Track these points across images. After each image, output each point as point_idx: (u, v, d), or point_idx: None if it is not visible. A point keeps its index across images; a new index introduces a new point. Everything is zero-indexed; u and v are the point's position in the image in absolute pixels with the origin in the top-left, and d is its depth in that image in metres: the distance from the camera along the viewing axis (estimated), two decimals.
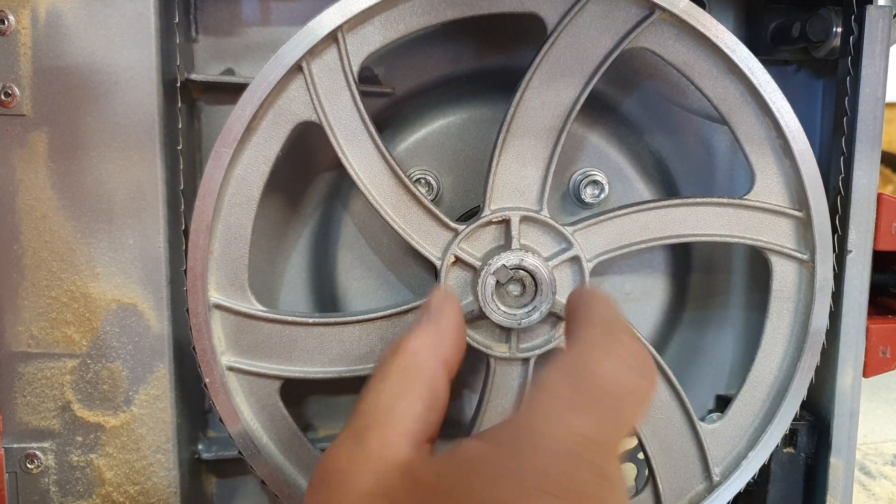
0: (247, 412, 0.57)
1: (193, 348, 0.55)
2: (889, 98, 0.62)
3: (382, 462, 0.38)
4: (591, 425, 0.36)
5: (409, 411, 0.40)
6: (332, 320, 0.56)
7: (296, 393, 0.66)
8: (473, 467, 0.36)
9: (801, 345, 0.60)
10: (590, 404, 0.37)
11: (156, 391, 0.57)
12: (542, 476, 0.34)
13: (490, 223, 0.56)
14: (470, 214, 0.63)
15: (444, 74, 0.64)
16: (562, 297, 0.57)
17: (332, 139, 0.54)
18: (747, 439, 0.61)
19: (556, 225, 0.56)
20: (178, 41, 0.57)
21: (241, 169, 0.54)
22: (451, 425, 0.67)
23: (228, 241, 0.55)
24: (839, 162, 0.62)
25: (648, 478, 0.61)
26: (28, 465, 0.57)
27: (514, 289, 0.56)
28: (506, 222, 0.56)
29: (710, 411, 0.71)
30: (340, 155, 0.54)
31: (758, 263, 0.68)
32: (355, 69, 0.53)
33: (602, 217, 0.57)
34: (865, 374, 0.64)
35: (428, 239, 0.56)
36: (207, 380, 0.55)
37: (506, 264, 0.55)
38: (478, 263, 0.56)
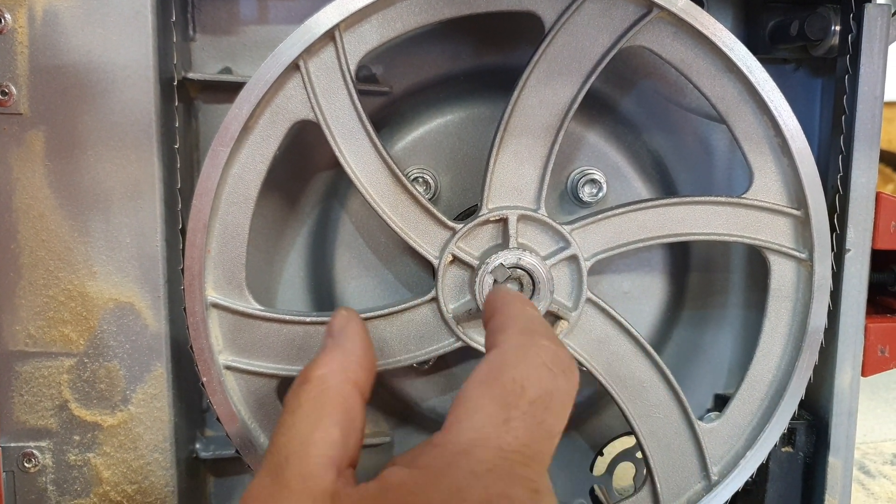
0: (244, 411, 0.57)
1: (191, 347, 0.55)
2: (888, 97, 0.62)
3: (305, 495, 0.36)
4: (517, 439, 0.36)
5: (326, 439, 0.39)
6: (329, 319, 0.56)
7: None
8: (400, 496, 0.35)
9: (799, 344, 0.60)
10: (513, 416, 0.36)
11: (153, 390, 0.57)
12: (473, 499, 0.33)
13: (488, 222, 0.56)
14: (468, 213, 0.63)
15: (442, 73, 0.64)
16: (560, 297, 0.57)
17: (329, 138, 0.54)
18: (745, 438, 0.61)
19: (554, 224, 0.56)
20: (175, 40, 0.57)
21: (239, 168, 0.54)
22: None
23: (226, 239, 0.55)
24: (838, 160, 0.62)
25: (646, 477, 0.61)
26: (25, 464, 0.57)
27: (512, 288, 0.56)
28: (503, 221, 0.56)
29: (709, 410, 0.71)
30: (338, 154, 0.54)
31: (756, 262, 0.68)
32: (353, 68, 0.53)
33: (600, 216, 0.57)
34: (864, 373, 0.64)
35: (425, 238, 0.56)
36: (205, 379, 0.55)
37: (503, 263, 0.55)
38: (475, 262, 0.56)
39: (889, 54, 0.62)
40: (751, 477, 0.61)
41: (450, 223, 0.56)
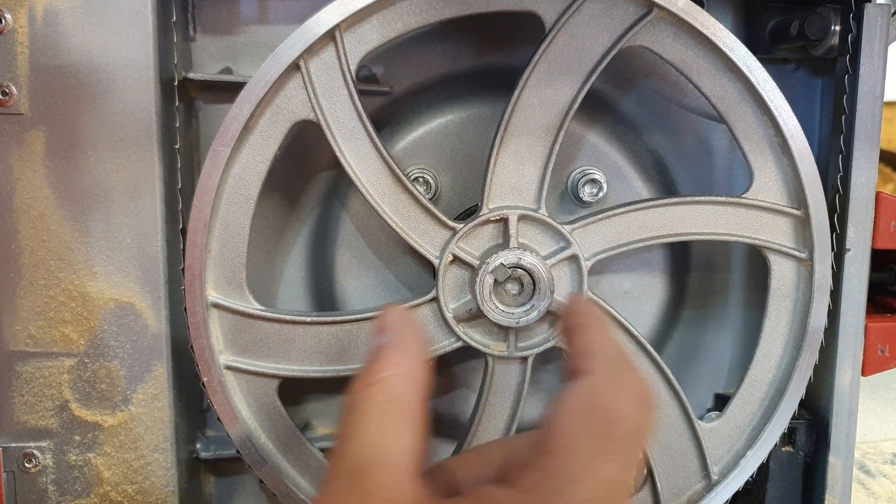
0: (245, 411, 0.57)
1: (191, 347, 0.55)
2: (888, 97, 0.62)
3: None
4: (617, 469, 0.37)
5: (400, 447, 0.38)
6: (329, 319, 0.56)
7: (294, 392, 0.66)
8: None
9: (799, 343, 0.60)
10: (613, 448, 0.37)
11: (154, 390, 0.57)
12: None
13: (488, 222, 0.56)
14: (468, 213, 0.63)
15: (443, 73, 0.64)
16: (560, 296, 0.57)
17: (330, 138, 0.54)
18: (746, 438, 0.61)
19: (555, 224, 0.56)
20: (175, 40, 0.57)
21: (239, 168, 0.54)
22: (450, 424, 0.67)
23: (226, 239, 0.55)
24: (838, 160, 0.62)
25: (647, 476, 0.61)
26: (26, 464, 0.57)
27: (513, 287, 0.56)
28: (504, 221, 0.56)
29: (709, 410, 0.71)
30: (338, 154, 0.54)
31: (756, 262, 0.68)
32: (353, 68, 0.53)
33: (600, 216, 0.57)
34: (864, 373, 0.64)
35: (426, 238, 0.56)
36: (205, 379, 0.55)
37: (504, 263, 0.55)
38: (476, 262, 0.56)
39: (889, 54, 0.62)
40: (751, 476, 0.61)
41: (450, 223, 0.56)
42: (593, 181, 0.64)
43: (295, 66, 0.52)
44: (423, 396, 0.41)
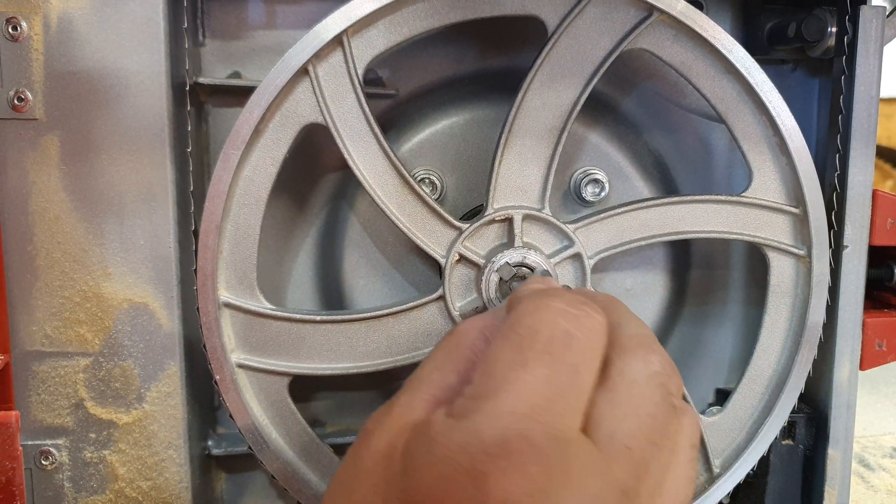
0: (256, 408, 0.58)
1: (204, 346, 0.56)
2: (888, 93, 0.63)
3: (401, 423, 0.37)
4: (540, 378, 0.35)
5: (441, 381, 0.39)
6: (339, 318, 0.58)
7: (304, 389, 0.67)
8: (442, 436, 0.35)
9: (798, 339, 0.61)
10: (533, 357, 0.36)
11: (167, 388, 0.59)
12: (491, 439, 0.34)
13: (493, 221, 0.57)
14: (473, 213, 0.64)
15: (447, 76, 0.65)
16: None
17: (337, 140, 0.55)
18: (746, 432, 0.62)
19: (558, 223, 0.57)
20: (186, 45, 0.58)
21: (250, 170, 0.55)
22: None
23: (237, 241, 0.56)
24: (835, 159, 0.63)
25: None
26: (43, 461, 0.58)
27: (518, 286, 0.57)
28: (508, 221, 0.57)
29: (710, 405, 0.72)
30: (346, 156, 0.55)
31: (756, 259, 0.69)
32: (360, 72, 0.54)
33: (603, 215, 0.58)
34: (862, 367, 0.65)
35: (432, 237, 0.57)
36: (218, 377, 0.56)
37: (509, 262, 0.56)
38: (481, 261, 0.57)
39: (888, 52, 0.63)
40: (752, 469, 0.62)
41: (456, 223, 0.57)
42: (595, 181, 0.65)
43: (303, 71, 0.53)
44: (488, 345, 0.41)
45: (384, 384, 0.69)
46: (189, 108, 0.59)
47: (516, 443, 0.33)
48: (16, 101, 0.54)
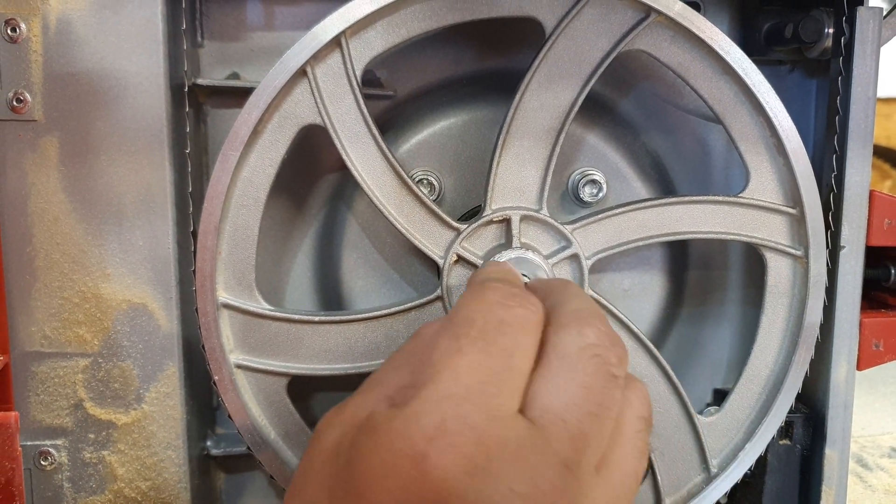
0: (255, 409, 0.58)
1: (203, 347, 0.56)
2: (889, 93, 0.63)
3: (350, 420, 0.37)
4: (474, 363, 0.36)
5: (395, 380, 0.39)
6: (337, 318, 0.58)
7: (302, 389, 0.67)
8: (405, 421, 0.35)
9: (795, 339, 0.61)
10: (463, 343, 0.37)
11: (166, 389, 0.59)
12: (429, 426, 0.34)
13: (491, 222, 0.57)
14: (471, 214, 0.64)
15: (445, 77, 0.65)
16: None
17: (336, 141, 0.55)
18: (744, 431, 0.63)
19: (556, 224, 0.58)
20: (185, 47, 0.59)
21: (248, 171, 0.55)
22: None
23: (236, 242, 0.56)
24: (832, 160, 0.63)
25: (647, 470, 0.62)
26: (42, 462, 0.58)
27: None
28: (506, 221, 0.57)
29: (708, 405, 0.72)
30: (344, 157, 0.55)
31: (753, 260, 0.69)
32: (358, 73, 0.55)
33: (600, 215, 0.58)
34: (859, 367, 0.65)
35: (431, 238, 0.57)
36: (216, 377, 0.56)
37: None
38: (479, 262, 0.57)
39: (886, 53, 0.63)
40: (749, 469, 0.62)
41: (454, 224, 0.57)
42: (593, 182, 0.65)
43: (302, 72, 0.54)
44: None
45: None
46: (187, 109, 0.59)
47: (453, 424, 0.34)
48: (15, 103, 0.55)
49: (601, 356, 0.39)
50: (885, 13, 0.61)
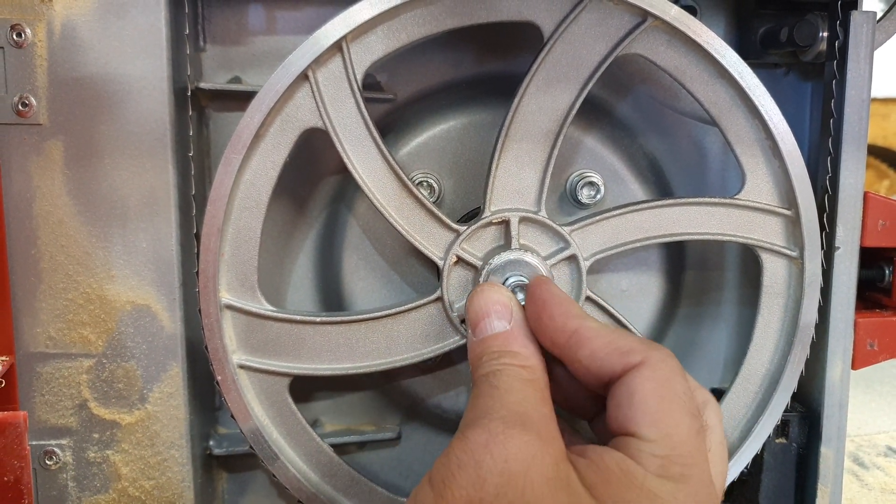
0: (257, 408, 0.59)
1: (206, 347, 0.57)
2: (885, 93, 0.64)
3: (555, 448, 0.41)
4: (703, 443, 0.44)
5: (550, 415, 0.44)
6: (338, 319, 0.59)
7: (304, 389, 0.68)
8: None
9: (791, 339, 0.62)
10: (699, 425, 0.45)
11: (169, 389, 0.59)
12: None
13: (490, 224, 0.58)
14: (471, 216, 0.65)
15: (445, 80, 0.66)
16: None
17: (337, 144, 0.56)
18: (740, 430, 0.63)
19: (554, 225, 0.58)
20: (188, 51, 0.59)
21: (251, 174, 0.56)
22: (455, 419, 0.69)
23: (238, 243, 0.57)
24: (826, 162, 0.64)
25: None
26: (47, 461, 0.59)
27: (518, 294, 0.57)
28: (505, 223, 0.58)
29: None
30: (345, 159, 0.56)
31: (749, 260, 0.70)
32: (359, 77, 0.55)
33: (598, 217, 0.59)
34: (854, 367, 0.66)
35: (430, 240, 0.58)
36: (219, 378, 0.57)
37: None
38: (479, 263, 0.58)
39: (884, 53, 0.64)
40: (746, 468, 0.63)
41: (453, 225, 0.58)
42: (591, 184, 0.66)
43: (303, 76, 0.54)
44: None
45: (383, 384, 0.69)
46: (190, 112, 0.60)
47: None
48: (20, 107, 0.55)
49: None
50: (878, 17, 0.62)
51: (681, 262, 0.71)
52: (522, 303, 0.51)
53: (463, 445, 0.41)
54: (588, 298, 0.60)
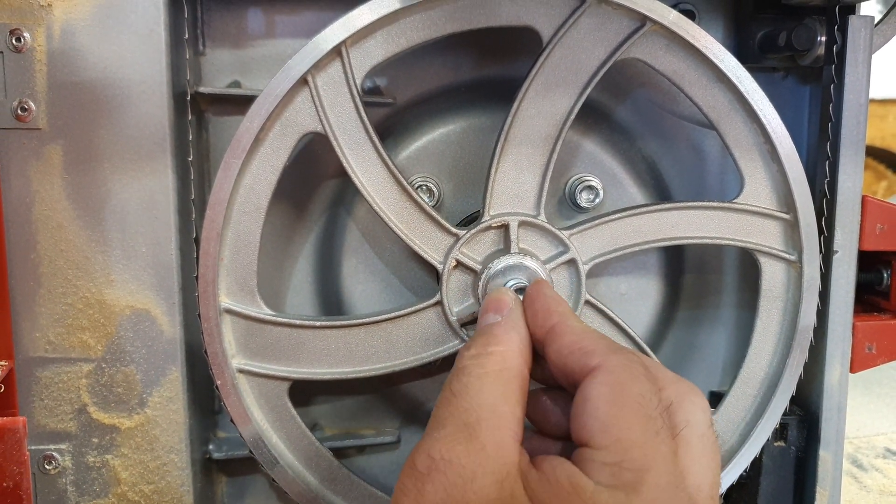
0: (257, 412, 0.59)
1: (205, 352, 0.57)
2: (883, 94, 0.64)
3: (500, 462, 0.39)
4: (669, 447, 0.41)
5: (513, 414, 0.42)
6: (338, 323, 0.59)
7: (303, 393, 0.68)
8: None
9: (789, 342, 0.62)
10: (659, 427, 0.42)
11: (169, 393, 0.59)
12: None
13: (489, 228, 0.58)
14: (470, 220, 0.65)
15: (444, 85, 0.66)
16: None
17: (336, 149, 0.56)
18: (739, 434, 0.63)
19: (553, 229, 0.58)
20: (187, 55, 0.59)
21: (250, 179, 0.56)
22: None
23: (238, 248, 0.57)
24: (825, 166, 0.64)
25: None
26: (46, 466, 0.59)
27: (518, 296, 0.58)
28: (505, 227, 0.58)
29: None
30: (345, 164, 0.56)
31: (748, 264, 0.70)
32: (358, 81, 0.55)
33: (597, 221, 0.59)
34: (852, 370, 0.66)
35: (430, 244, 0.58)
36: (219, 382, 0.57)
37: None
38: (478, 267, 0.58)
39: (881, 54, 0.64)
40: (745, 471, 0.63)
41: (453, 229, 0.58)
42: (590, 188, 0.66)
43: (303, 81, 0.54)
44: (527, 373, 0.45)
45: (382, 388, 0.69)
46: (190, 117, 0.60)
47: None
48: (19, 111, 0.55)
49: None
50: (876, 22, 0.62)
51: (680, 265, 0.71)
52: None
53: (409, 472, 0.40)
54: (587, 302, 0.60)
